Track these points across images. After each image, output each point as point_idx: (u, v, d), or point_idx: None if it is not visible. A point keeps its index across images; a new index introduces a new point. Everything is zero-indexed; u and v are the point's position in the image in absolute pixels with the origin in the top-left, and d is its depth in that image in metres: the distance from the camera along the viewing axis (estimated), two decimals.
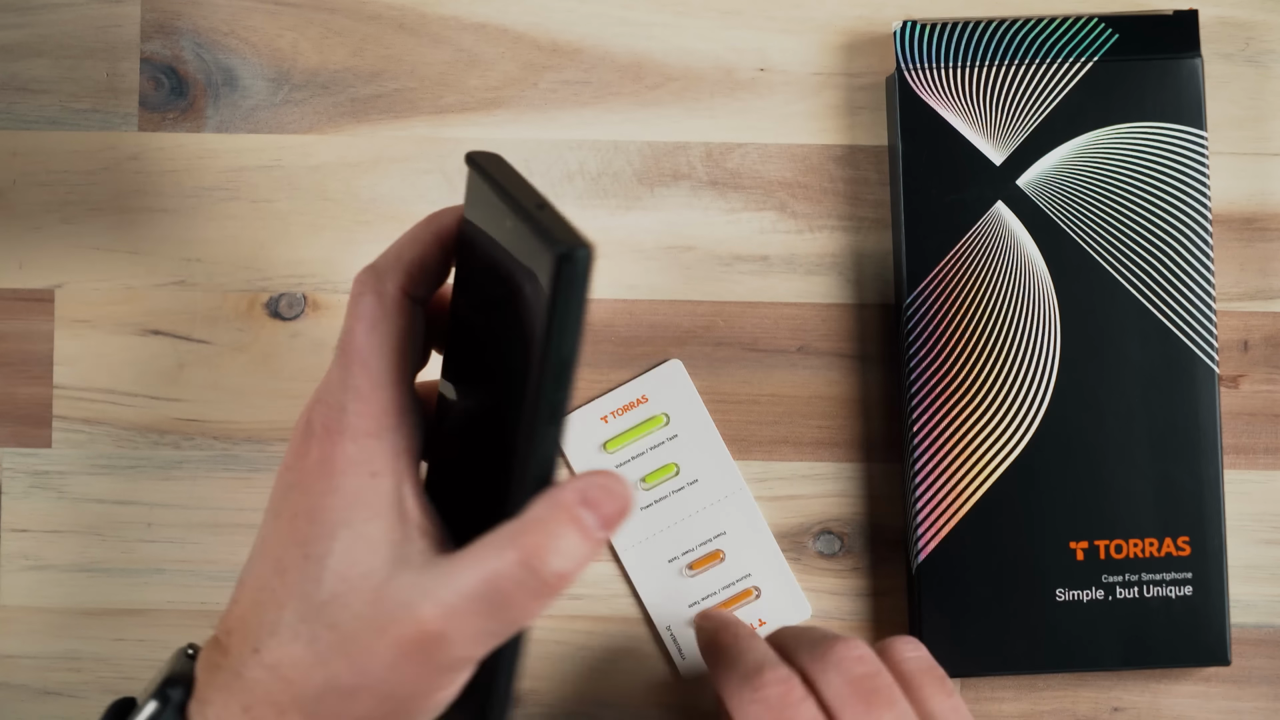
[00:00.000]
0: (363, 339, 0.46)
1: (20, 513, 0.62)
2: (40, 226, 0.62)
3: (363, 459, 0.46)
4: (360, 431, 0.46)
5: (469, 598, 0.43)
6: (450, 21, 0.62)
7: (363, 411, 0.46)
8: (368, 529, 0.45)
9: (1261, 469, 0.61)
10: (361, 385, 0.46)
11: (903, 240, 0.59)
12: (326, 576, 0.45)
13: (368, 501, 0.45)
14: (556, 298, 0.42)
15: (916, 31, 0.60)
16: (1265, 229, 0.62)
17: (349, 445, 0.46)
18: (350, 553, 0.45)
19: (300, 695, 0.45)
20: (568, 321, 0.42)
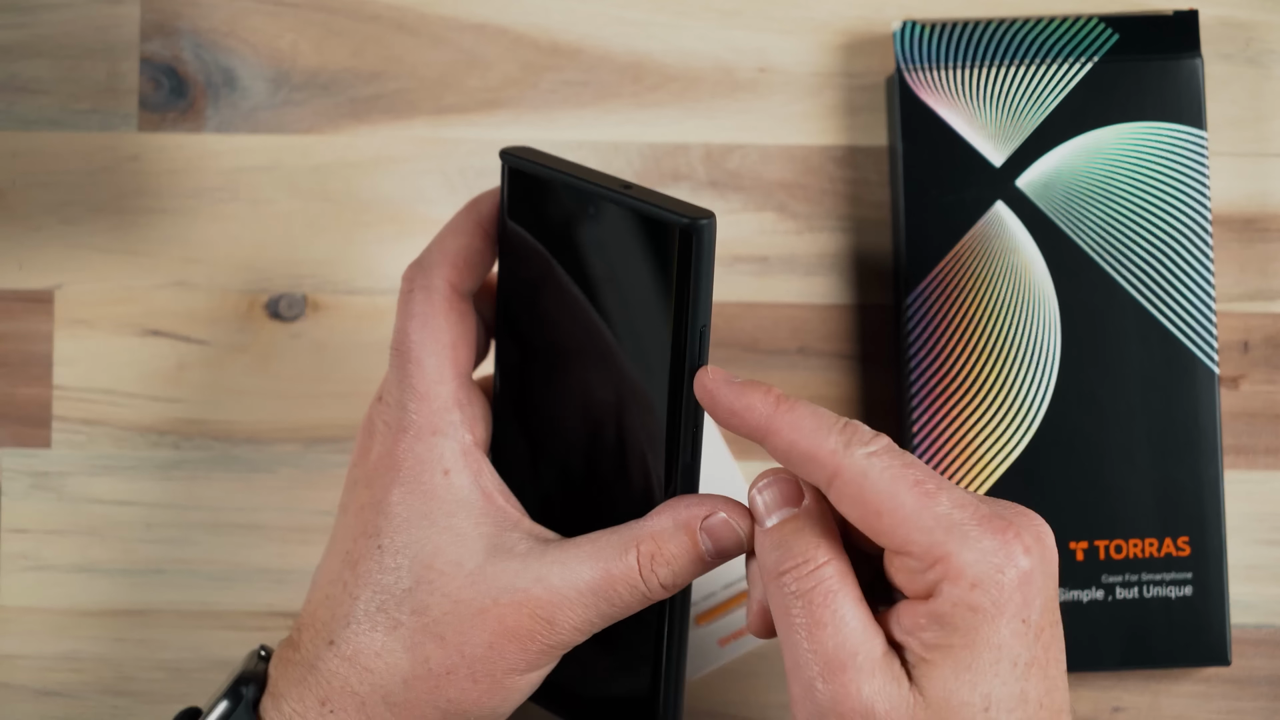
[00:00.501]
0: (415, 336, 0.47)
1: (20, 513, 0.62)
2: (40, 227, 0.62)
3: (432, 458, 0.46)
4: (425, 430, 0.47)
5: (582, 590, 0.45)
6: (450, 22, 0.62)
7: (423, 410, 0.47)
8: (452, 523, 0.46)
9: (1261, 469, 0.61)
10: (418, 384, 0.47)
11: (903, 240, 0.59)
12: (407, 564, 0.46)
13: (444, 498, 0.46)
14: (691, 268, 0.43)
15: (916, 32, 0.60)
16: (1265, 229, 0.62)
17: (415, 444, 0.46)
18: (432, 543, 0.46)
19: (383, 683, 0.46)
20: (702, 290, 0.44)
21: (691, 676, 0.60)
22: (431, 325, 0.47)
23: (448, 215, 0.62)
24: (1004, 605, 0.42)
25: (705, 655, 0.60)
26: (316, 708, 0.46)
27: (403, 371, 0.47)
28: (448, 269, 0.48)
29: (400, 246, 0.62)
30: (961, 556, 0.42)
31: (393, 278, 0.62)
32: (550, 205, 0.47)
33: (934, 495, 0.42)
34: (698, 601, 0.60)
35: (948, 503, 0.42)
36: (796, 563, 0.44)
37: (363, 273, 0.62)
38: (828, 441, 0.43)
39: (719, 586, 0.61)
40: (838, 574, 0.43)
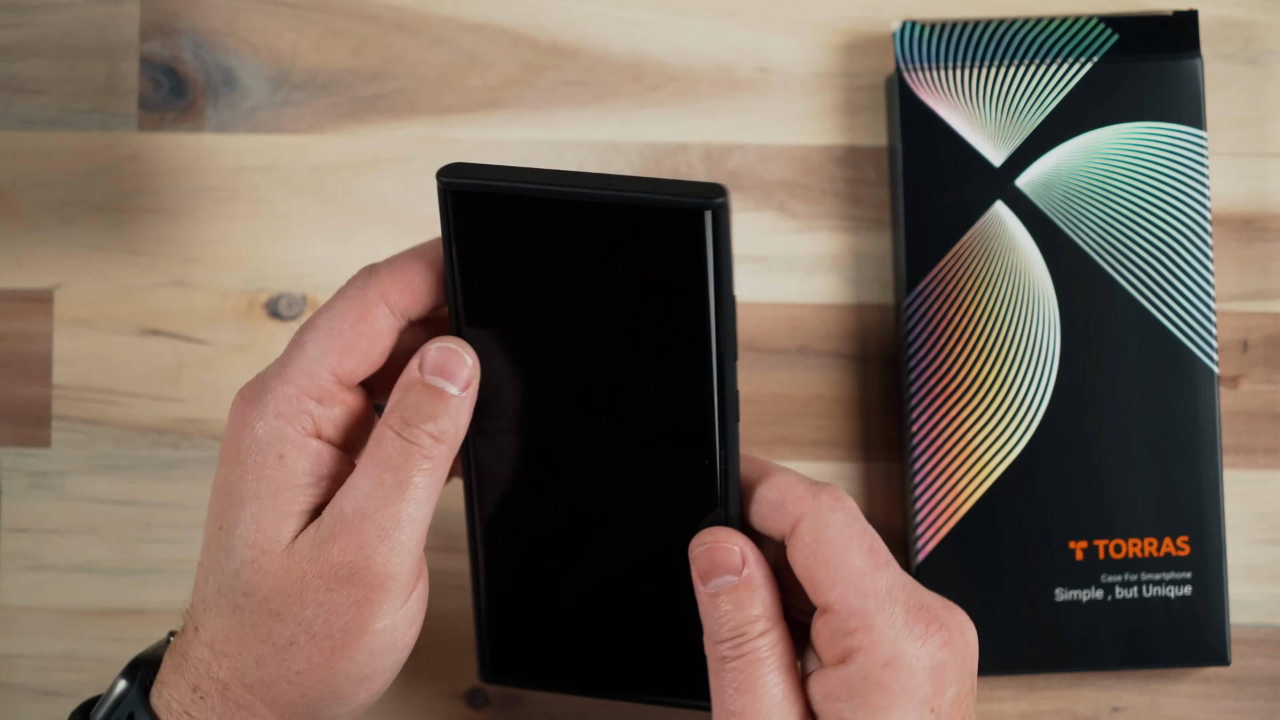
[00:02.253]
0: (318, 323, 0.47)
1: (20, 513, 0.62)
2: (40, 226, 0.62)
3: (270, 440, 0.46)
4: (271, 411, 0.46)
5: (367, 495, 0.45)
6: (450, 22, 0.62)
7: (280, 392, 0.46)
8: (277, 502, 0.46)
9: (1261, 469, 0.61)
10: (291, 366, 0.47)
11: (903, 240, 0.60)
12: (236, 547, 0.46)
13: (273, 478, 0.46)
14: (718, 246, 0.43)
15: (916, 32, 0.60)
16: (1265, 229, 0.62)
17: (258, 423, 0.46)
18: (257, 521, 0.46)
19: (237, 665, 0.46)
20: (727, 264, 0.44)
21: None
22: (339, 323, 0.47)
23: None
24: (913, 691, 0.45)
25: None
26: (189, 694, 0.47)
27: (286, 352, 0.47)
28: (389, 282, 0.47)
29: (400, 247, 0.62)
30: (883, 632, 0.45)
31: None
32: (517, 225, 0.45)
33: (882, 567, 0.46)
34: None
35: (891, 579, 0.45)
36: (731, 635, 0.46)
37: None
38: (796, 489, 0.46)
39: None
40: (769, 644, 0.46)
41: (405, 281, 0.48)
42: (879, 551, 0.46)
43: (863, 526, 0.46)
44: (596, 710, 0.61)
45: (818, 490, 0.47)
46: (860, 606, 0.45)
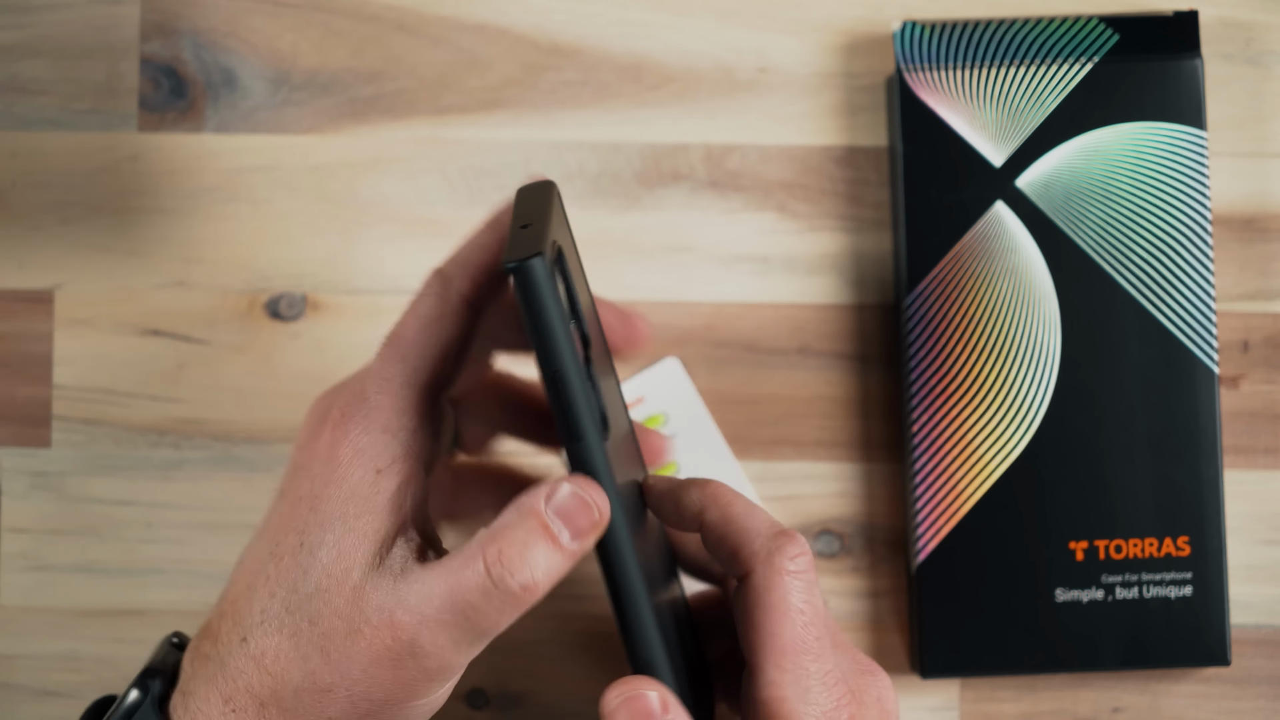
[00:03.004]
0: (411, 335, 0.46)
1: (20, 513, 0.62)
2: (39, 227, 0.62)
3: (372, 452, 0.45)
4: (375, 424, 0.45)
5: (439, 608, 0.43)
6: (450, 22, 0.62)
7: (384, 404, 0.45)
8: (359, 524, 0.44)
9: (1261, 469, 0.61)
10: (393, 378, 0.45)
11: (903, 240, 0.59)
12: (314, 568, 0.44)
13: (365, 496, 0.44)
14: (525, 313, 0.41)
15: (916, 32, 0.60)
16: (1265, 229, 0.62)
17: (361, 436, 0.45)
18: (339, 546, 0.44)
19: (279, 690, 0.44)
20: (536, 332, 0.41)
21: None
22: (431, 330, 0.46)
23: (448, 215, 0.62)
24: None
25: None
26: (220, 705, 0.45)
27: (383, 364, 0.46)
28: (465, 281, 0.47)
29: (400, 246, 0.62)
30: (795, 706, 0.45)
31: (393, 278, 0.62)
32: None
33: (810, 645, 0.45)
34: None
35: (817, 654, 0.45)
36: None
37: (363, 273, 0.62)
38: (753, 543, 0.46)
39: None
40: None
41: (481, 281, 0.47)
42: (813, 628, 0.45)
43: (808, 599, 0.45)
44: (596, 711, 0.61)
45: (774, 549, 0.45)
46: (778, 678, 0.45)
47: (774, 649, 0.45)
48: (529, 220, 0.43)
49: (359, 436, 0.45)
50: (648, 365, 0.61)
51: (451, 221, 0.62)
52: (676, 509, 0.48)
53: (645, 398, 0.61)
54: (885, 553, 0.61)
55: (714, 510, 0.47)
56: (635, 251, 0.62)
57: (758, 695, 0.45)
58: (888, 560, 0.61)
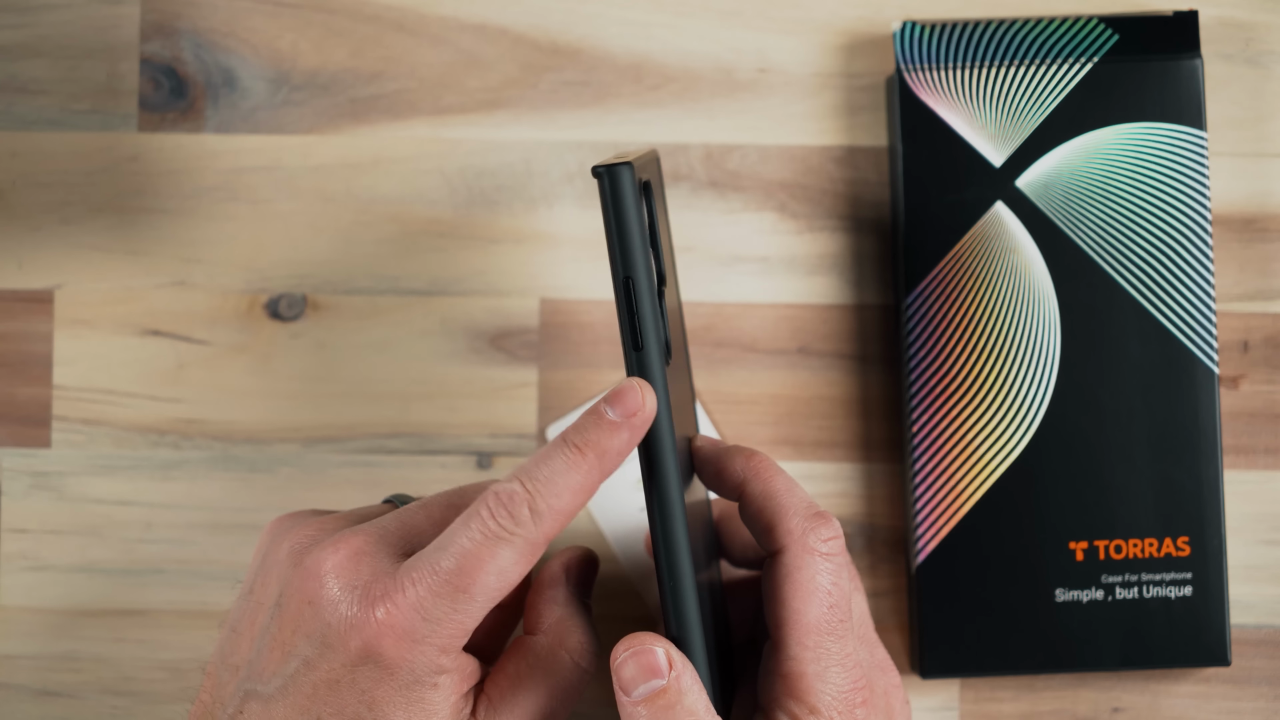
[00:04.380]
0: (487, 582, 0.44)
1: (20, 513, 0.62)
2: (40, 227, 0.62)
3: (428, 672, 0.45)
4: (434, 649, 0.45)
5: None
6: (450, 22, 0.62)
7: (443, 636, 0.44)
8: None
9: (1261, 469, 0.61)
10: (457, 618, 0.44)
11: (903, 240, 0.59)
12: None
13: (429, 703, 0.45)
14: (606, 218, 0.44)
15: (916, 32, 0.60)
16: (1265, 229, 0.62)
17: (419, 658, 0.44)
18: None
19: None
20: (616, 236, 0.44)
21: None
22: (508, 577, 0.44)
23: (448, 215, 0.62)
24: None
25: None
26: None
27: (451, 599, 0.44)
28: (555, 528, 0.45)
29: (400, 246, 0.62)
30: (813, 683, 0.46)
31: (392, 278, 0.62)
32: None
33: (835, 626, 0.46)
34: None
35: (839, 635, 0.46)
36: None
37: (363, 273, 0.62)
38: (789, 520, 0.47)
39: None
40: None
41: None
42: (838, 611, 0.47)
43: (836, 582, 0.47)
44: (596, 711, 0.61)
45: (808, 529, 0.47)
46: (800, 654, 0.46)
47: (798, 625, 0.46)
48: (625, 157, 0.46)
49: (415, 658, 0.44)
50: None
51: (451, 221, 0.62)
52: (719, 474, 0.49)
53: None
54: (885, 553, 0.61)
55: (756, 483, 0.48)
56: None
57: (778, 669, 0.46)
58: (888, 560, 0.61)
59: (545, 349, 0.62)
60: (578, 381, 0.62)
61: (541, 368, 0.62)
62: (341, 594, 0.45)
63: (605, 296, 0.62)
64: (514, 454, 0.61)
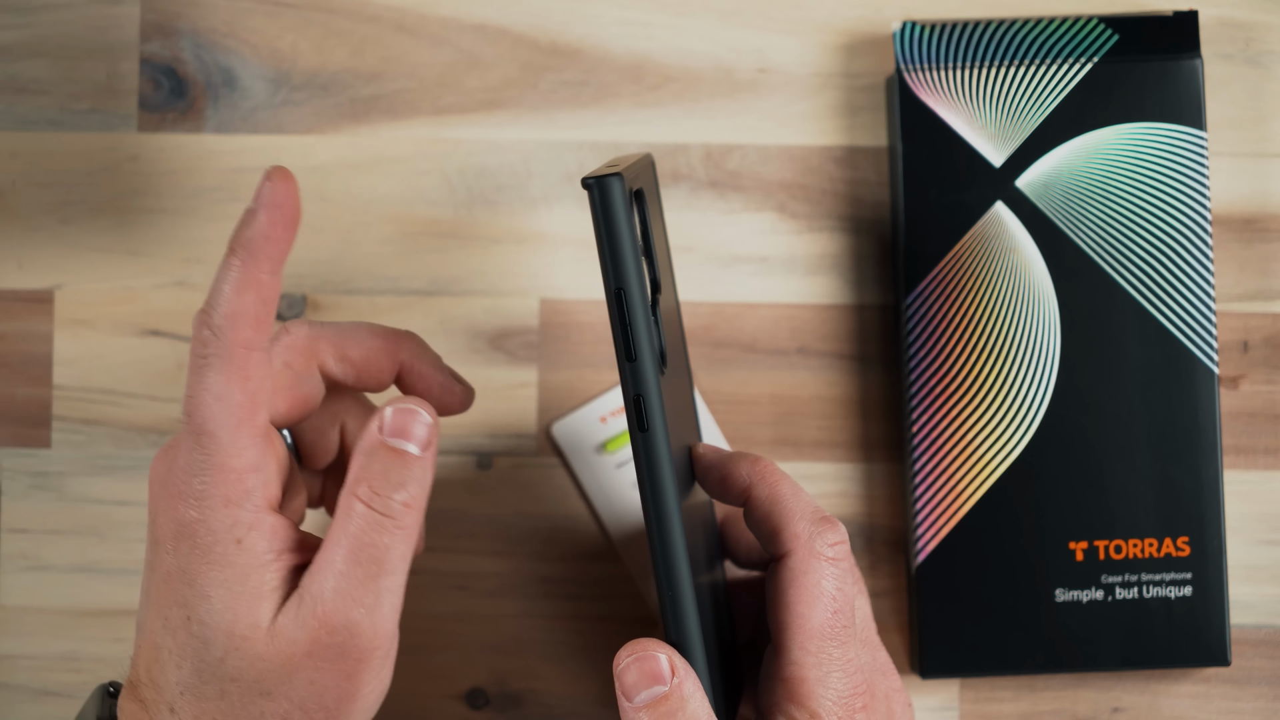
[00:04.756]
0: (210, 410, 0.45)
1: (20, 513, 0.62)
2: (39, 227, 0.62)
3: (224, 528, 0.45)
4: (218, 500, 0.45)
5: (345, 572, 0.45)
6: (450, 22, 0.62)
7: (217, 482, 0.45)
8: (246, 587, 0.45)
9: (1261, 469, 0.61)
10: (214, 457, 0.45)
11: (903, 240, 0.60)
12: (214, 637, 0.45)
13: (238, 564, 0.45)
14: (597, 229, 0.43)
15: (916, 32, 0.60)
16: (1265, 229, 0.62)
17: (209, 515, 0.45)
18: (232, 610, 0.45)
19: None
20: (606, 246, 0.43)
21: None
22: (226, 395, 0.45)
23: (448, 215, 0.62)
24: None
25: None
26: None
27: (197, 443, 0.45)
28: (243, 331, 0.45)
29: (400, 246, 0.62)
30: (814, 688, 0.46)
31: (393, 278, 0.62)
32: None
33: (838, 632, 0.47)
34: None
35: (842, 641, 0.46)
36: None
37: (363, 273, 0.62)
38: (796, 524, 0.47)
39: None
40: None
41: (255, 319, 0.46)
42: (842, 616, 0.47)
43: (840, 587, 0.47)
44: (596, 711, 0.61)
45: (815, 533, 0.47)
46: (801, 659, 0.46)
47: (801, 630, 0.46)
48: (616, 164, 0.45)
49: (208, 516, 0.45)
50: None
51: (451, 221, 0.62)
52: (723, 481, 0.49)
53: None
54: (885, 553, 0.61)
55: (762, 488, 0.48)
56: None
57: (779, 673, 0.46)
58: (888, 560, 0.61)
59: (545, 349, 0.62)
60: (577, 381, 0.62)
61: (541, 368, 0.62)
62: (152, 487, 0.47)
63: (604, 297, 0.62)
64: (514, 454, 0.61)
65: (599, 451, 0.61)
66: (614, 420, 0.61)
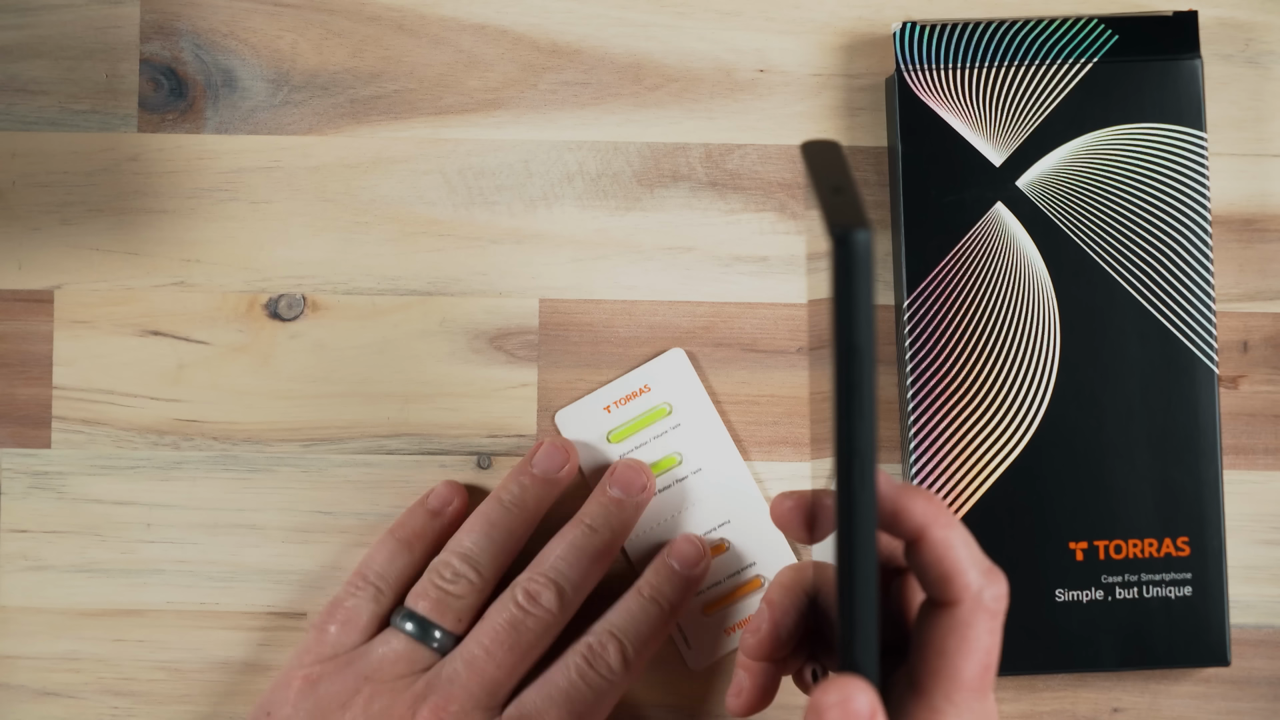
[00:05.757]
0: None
1: (20, 513, 0.62)
2: (39, 227, 0.62)
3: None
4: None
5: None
6: (450, 22, 0.62)
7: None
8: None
9: (1261, 469, 0.61)
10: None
11: (903, 241, 0.60)
12: None
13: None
14: (836, 284, 0.41)
15: (916, 32, 0.60)
16: (1265, 230, 0.62)
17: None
18: None
19: None
20: (847, 307, 0.41)
21: (700, 665, 0.61)
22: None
23: (448, 215, 0.62)
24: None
25: (713, 643, 0.60)
26: None
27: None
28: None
29: (400, 246, 0.62)
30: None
31: (393, 278, 0.62)
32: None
33: (984, 690, 0.47)
34: (704, 591, 0.61)
35: (984, 695, 0.47)
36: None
37: (363, 273, 0.62)
38: (967, 575, 0.47)
39: (724, 576, 0.61)
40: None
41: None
42: (990, 671, 0.47)
43: (995, 641, 0.47)
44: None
45: (984, 584, 0.47)
46: (944, 709, 0.46)
47: (950, 680, 0.46)
48: (839, 184, 0.42)
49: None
50: (653, 356, 0.62)
51: (451, 221, 0.62)
52: (895, 515, 0.48)
53: (650, 388, 0.61)
54: None
55: (938, 531, 0.47)
56: (635, 251, 0.62)
57: (918, 714, 0.46)
58: None
59: (545, 349, 0.62)
60: (577, 381, 0.62)
61: (541, 368, 0.62)
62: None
63: (605, 296, 0.62)
64: (514, 454, 0.61)
65: (604, 441, 0.61)
66: (618, 410, 0.61)
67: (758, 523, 0.61)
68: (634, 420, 0.61)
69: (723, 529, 0.61)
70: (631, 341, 0.62)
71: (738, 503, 0.61)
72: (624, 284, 0.62)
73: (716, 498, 0.61)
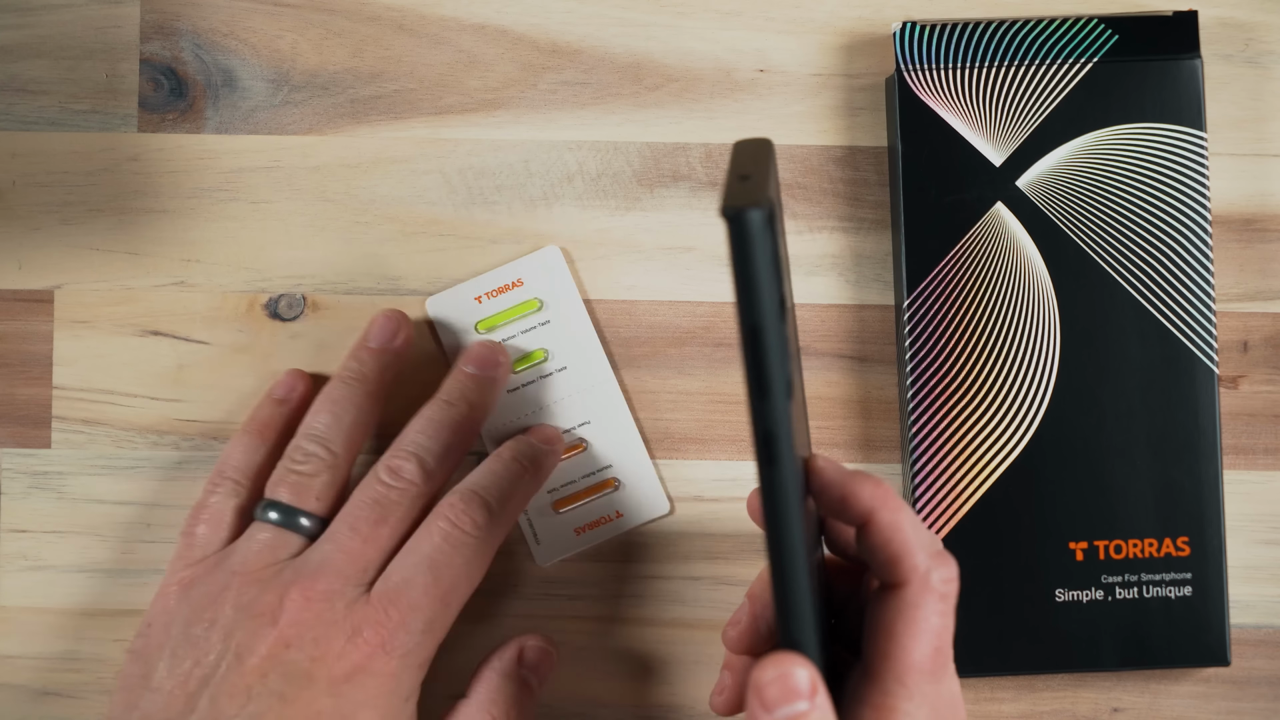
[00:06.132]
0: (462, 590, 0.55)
1: (20, 513, 0.62)
2: (40, 227, 0.62)
3: (403, 684, 0.52)
4: (414, 661, 0.53)
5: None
6: (450, 22, 0.62)
7: (428, 644, 0.53)
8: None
9: (1261, 469, 0.61)
10: (441, 627, 0.54)
11: (903, 241, 0.60)
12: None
13: (391, 716, 0.53)
14: (733, 265, 0.41)
15: (916, 32, 0.60)
16: (1265, 230, 0.62)
17: (399, 669, 0.52)
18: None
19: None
20: (745, 288, 0.41)
21: (548, 562, 0.61)
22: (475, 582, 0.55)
23: (448, 215, 0.62)
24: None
25: (562, 542, 0.61)
26: None
27: (434, 615, 0.54)
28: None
29: (400, 246, 0.62)
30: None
31: (393, 278, 0.62)
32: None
33: (937, 671, 0.47)
34: (556, 488, 0.60)
35: (937, 678, 0.47)
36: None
37: (363, 273, 0.62)
38: (914, 556, 0.47)
39: (579, 475, 0.61)
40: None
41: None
42: (941, 654, 0.47)
43: (945, 624, 0.47)
44: (596, 711, 0.61)
45: (932, 566, 0.47)
46: (895, 691, 0.46)
47: (900, 662, 0.46)
48: (748, 172, 0.43)
49: (398, 670, 0.53)
50: (528, 252, 0.61)
51: (451, 221, 0.62)
52: (843, 500, 0.48)
53: (524, 282, 0.61)
54: None
55: (885, 514, 0.47)
56: (635, 251, 0.62)
57: (869, 698, 0.46)
58: None
59: None
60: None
61: None
62: (325, 629, 0.52)
63: (605, 296, 0.62)
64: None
65: (472, 331, 0.61)
66: (489, 301, 0.61)
67: (617, 425, 0.61)
68: (503, 312, 0.61)
69: (582, 429, 0.61)
70: (632, 341, 0.62)
71: (600, 404, 0.61)
72: (624, 283, 0.62)
73: (579, 396, 0.61)
